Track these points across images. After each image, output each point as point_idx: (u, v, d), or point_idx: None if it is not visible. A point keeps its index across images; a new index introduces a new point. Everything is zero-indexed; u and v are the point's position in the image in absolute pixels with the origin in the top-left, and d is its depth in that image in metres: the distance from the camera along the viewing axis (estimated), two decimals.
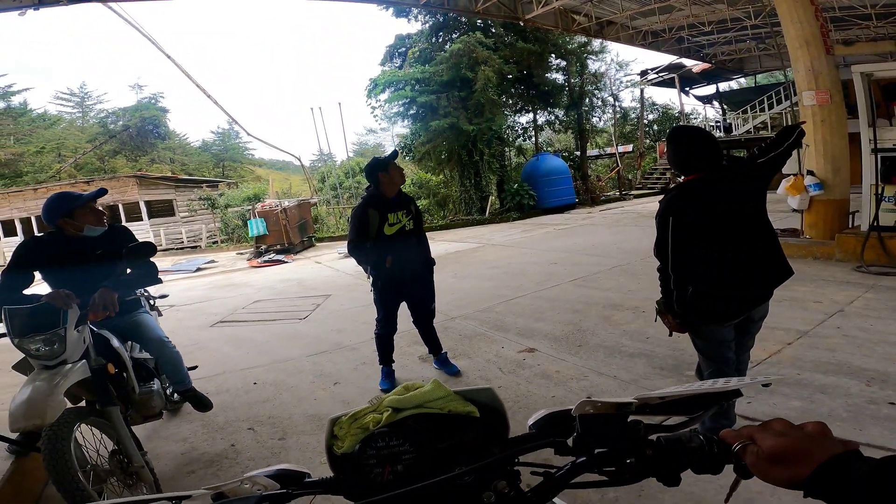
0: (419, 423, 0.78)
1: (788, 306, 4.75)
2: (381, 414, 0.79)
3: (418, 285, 3.76)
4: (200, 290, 9.36)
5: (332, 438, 0.79)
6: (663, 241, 2.32)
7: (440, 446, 0.76)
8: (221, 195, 19.52)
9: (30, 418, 2.04)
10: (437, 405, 0.80)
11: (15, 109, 33.96)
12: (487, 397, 0.82)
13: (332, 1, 10.70)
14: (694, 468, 0.62)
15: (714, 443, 0.61)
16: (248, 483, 0.70)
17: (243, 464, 2.97)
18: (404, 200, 3.65)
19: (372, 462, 0.75)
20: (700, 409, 0.70)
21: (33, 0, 7.72)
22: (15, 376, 2.60)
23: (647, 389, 3.31)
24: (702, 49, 17.86)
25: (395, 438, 0.76)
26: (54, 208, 2.63)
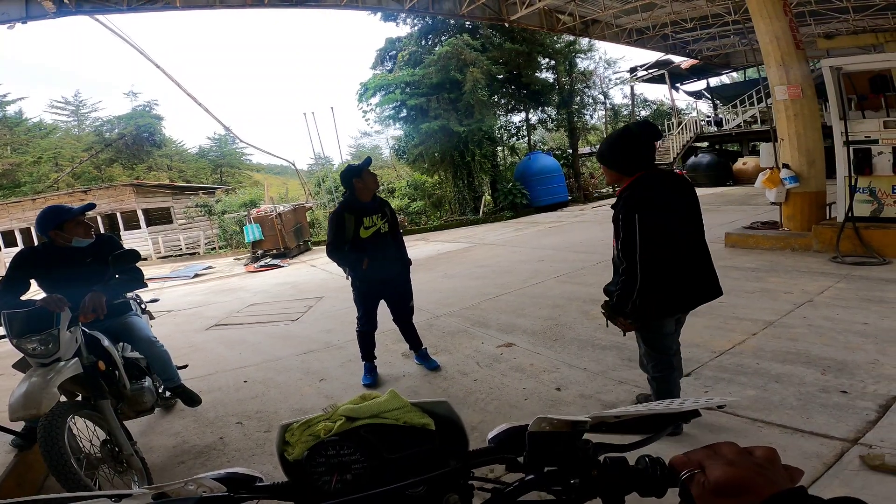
0: (372, 433, 0.77)
1: (759, 297, 4.92)
2: (333, 422, 0.79)
3: (396, 284, 3.94)
4: (198, 296, 9.54)
5: (284, 444, 0.80)
6: (630, 241, 2.35)
7: (391, 457, 0.75)
8: (218, 202, 19.71)
9: (27, 408, 2.24)
10: (392, 416, 0.80)
11: (11, 119, 34.06)
12: (444, 410, 0.82)
13: (319, 8, 10.99)
14: (639, 491, 0.61)
15: (659, 465, 0.61)
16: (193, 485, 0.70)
17: (230, 455, 3.14)
18: (379, 204, 3.84)
19: (321, 469, 0.75)
20: (656, 428, 0.70)
21: (21, 14, 7.91)
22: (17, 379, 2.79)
23: (615, 381, 3.48)
24: (687, 45, 18.06)
25: (345, 447, 0.76)
26: (46, 221, 2.84)
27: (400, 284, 3.97)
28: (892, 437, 2.40)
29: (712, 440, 0.57)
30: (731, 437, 2.52)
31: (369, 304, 3.93)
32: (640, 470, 0.61)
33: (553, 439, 0.66)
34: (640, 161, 2.45)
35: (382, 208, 3.84)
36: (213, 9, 9.37)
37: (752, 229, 7.70)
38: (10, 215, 20.30)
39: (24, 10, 7.91)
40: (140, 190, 20.00)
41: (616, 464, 0.63)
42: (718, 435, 2.57)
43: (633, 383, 3.34)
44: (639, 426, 0.70)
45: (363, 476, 0.74)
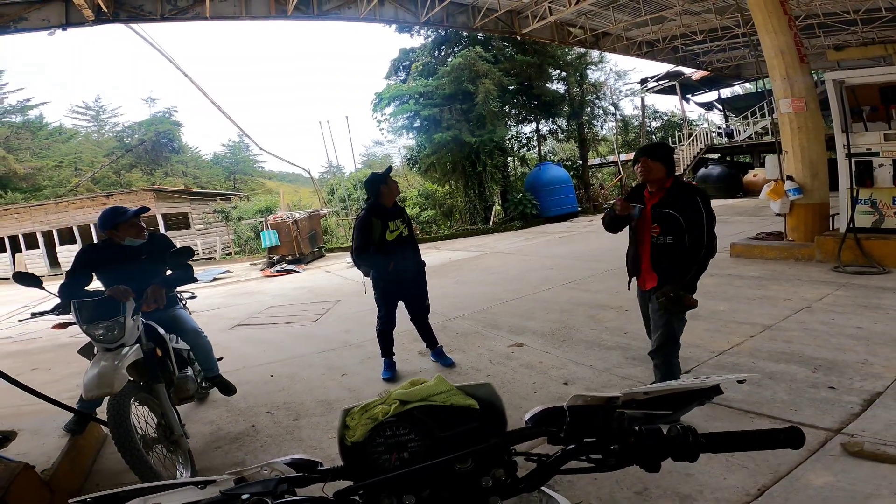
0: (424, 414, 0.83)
1: (759, 304, 5.13)
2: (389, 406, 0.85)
3: (414, 285, 4.24)
4: (218, 298, 9.89)
5: (344, 428, 0.85)
6: (712, 221, 2.77)
7: (442, 435, 0.81)
8: (235, 208, 20.19)
9: (101, 388, 2.52)
10: (440, 398, 0.86)
11: (33, 123, 35.04)
12: (487, 392, 0.88)
13: (338, 21, 11.41)
14: (673, 456, 0.67)
15: (691, 433, 0.66)
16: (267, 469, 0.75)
17: (262, 441, 3.41)
18: (399, 210, 4.19)
19: (380, 449, 0.81)
20: (683, 404, 0.75)
21: (61, 21, 8.38)
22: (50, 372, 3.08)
23: (619, 377, 3.73)
24: (697, 57, 18.31)
25: (401, 428, 0.82)
26: (104, 221, 3.19)
27: (417, 285, 4.26)
28: (872, 428, 2.62)
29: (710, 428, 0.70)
30: (727, 424, 2.76)
31: (390, 304, 4.22)
32: (673, 437, 0.67)
33: (591, 412, 0.72)
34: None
35: (402, 213, 4.18)
36: (239, 19, 9.84)
37: (756, 240, 7.88)
38: (33, 218, 20.87)
39: (65, 17, 8.39)
40: (160, 195, 20.52)
41: (651, 432, 0.68)
42: (713, 424, 2.80)
43: (636, 379, 3.59)
44: (666, 402, 0.74)
45: (419, 454, 0.79)
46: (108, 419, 2.52)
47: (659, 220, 2.86)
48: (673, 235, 2.82)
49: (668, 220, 2.83)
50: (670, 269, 2.85)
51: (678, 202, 2.81)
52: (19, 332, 8.28)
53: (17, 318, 4.40)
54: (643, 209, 2.96)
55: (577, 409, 0.73)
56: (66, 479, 2.82)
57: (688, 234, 2.78)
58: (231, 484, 0.73)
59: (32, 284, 2.96)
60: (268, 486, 0.71)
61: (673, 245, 2.83)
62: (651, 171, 2.87)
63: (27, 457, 2.76)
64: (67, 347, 6.16)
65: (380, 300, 4.23)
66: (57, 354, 6.25)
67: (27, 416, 3.52)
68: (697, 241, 2.76)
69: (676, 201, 2.82)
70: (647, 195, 3.01)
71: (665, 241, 2.86)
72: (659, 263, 2.91)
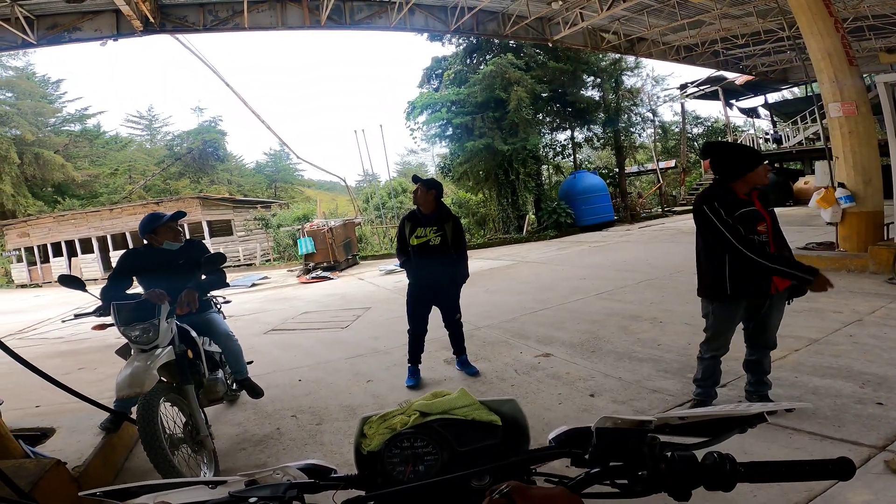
0: (444, 427, 0.81)
1: (807, 316, 4.84)
2: (408, 417, 0.84)
3: (442, 296, 4.24)
4: (255, 303, 10.18)
5: (361, 437, 0.84)
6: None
7: (461, 450, 0.78)
8: (274, 215, 20.81)
9: (132, 387, 2.61)
10: (461, 412, 0.83)
11: (90, 132, 37.18)
12: (511, 408, 0.85)
13: (371, 30, 11.69)
14: (706, 485, 0.63)
15: (728, 461, 0.61)
16: (280, 473, 0.74)
17: (285, 444, 3.45)
18: (438, 218, 4.13)
19: (396, 460, 0.78)
20: (722, 431, 0.70)
21: (112, 32, 8.90)
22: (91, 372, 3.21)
23: (649, 390, 3.58)
24: (740, 61, 17.67)
25: (419, 440, 0.79)
26: (143, 226, 3.35)
27: (447, 298, 4.26)
28: None
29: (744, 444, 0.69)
30: (760, 442, 2.60)
31: (415, 306, 4.25)
32: (709, 465, 0.62)
33: (620, 435, 0.68)
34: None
35: (441, 223, 4.12)
36: (275, 29, 10.25)
37: (806, 250, 7.49)
38: (88, 224, 22.13)
39: (115, 28, 8.94)
40: (205, 202, 21.41)
41: (684, 459, 0.64)
42: (746, 440, 2.64)
43: (667, 392, 3.44)
44: (703, 429, 0.70)
45: (435, 468, 0.77)
46: (137, 417, 2.62)
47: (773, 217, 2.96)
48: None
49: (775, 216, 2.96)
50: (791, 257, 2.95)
51: (768, 200, 2.97)
52: (70, 332, 8.76)
53: (62, 321, 4.69)
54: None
55: (604, 431, 0.69)
56: (96, 475, 2.91)
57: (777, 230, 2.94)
58: (241, 486, 0.72)
59: (76, 287, 3.11)
60: (276, 491, 0.70)
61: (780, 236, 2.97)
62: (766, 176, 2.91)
63: (62, 453, 2.88)
64: (113, 348, 6.46)
65: (407, 301, 4.31)
66: (103, 355, 6.55)
67: (68, 414, 3.69)
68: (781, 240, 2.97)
69: (767, 199, 2.96)
70: (744, 198, 2.84)
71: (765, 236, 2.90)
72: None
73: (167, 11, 9.33)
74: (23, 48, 9.01)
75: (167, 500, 0.66)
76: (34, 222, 23.24)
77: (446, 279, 4.18)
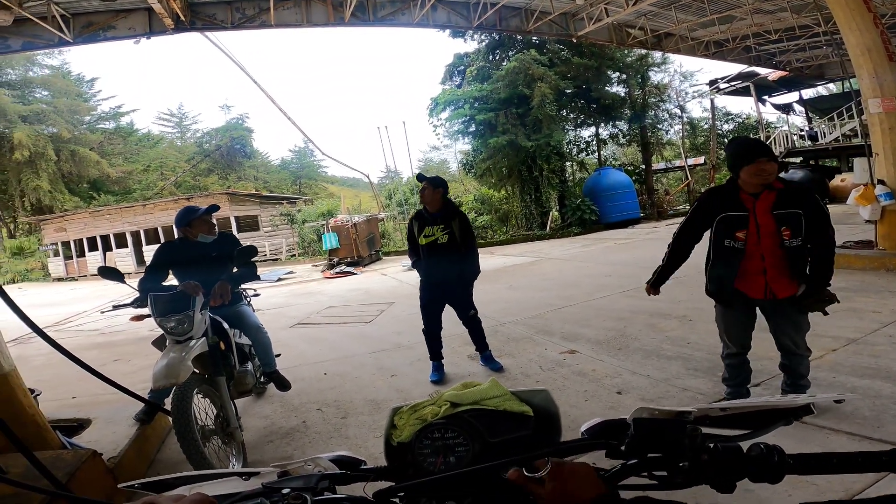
0: (475, 418, 0.80)
1: (844, 316, 4.66)
2: (439, 407, 0.83)
3: (453, 294, 4.25)
4: (281, 298, 10.36)
5: (392, 428, 0.83)
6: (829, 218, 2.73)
7: (493, 441, 0.78)
8: (299, 211, 21.14)
9: (167, 378, 2.67)
10: (492, 403, 0.83)
11: (124, 129, 38.34)
12: (543, 399, 0.84)
13: (393, 26, 11.76)
14: (752, 477, 0.61)
15: (777, 452, 0.59)
16: (311, 464, 0.75)
17: (311, 437, 3.49)
18: (446, 216, 4.14)
19: (426, 451, 0.78)
20: (766, 423, 0.68)
21: (145, 30, 9.14)
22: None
23: (679, 388, 3.51)
24: (773, 57, 17.07)
25: (450, 431, 0.78)
26: (179, 219, 3.46)
27: (457, 296, 4.27)
28: None
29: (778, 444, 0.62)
30: (796, 442, 2.52)
31: (428, 304, 4.28)
32: (755, 456, 0.61)
33: (659, 426, 0.66)
34: None
35: (448, 221, 4.12)
36: (301, 26, 10.39)
37: (843, 248, 7.21)
38: (122, 219, 22.86)
39: (148, 26, 9.18)
40: (233, 198, 21.89)
41: (729, 450, 0.62)
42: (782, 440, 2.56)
43: (697, 391, 3.37)
44: (746, 420, 0.68)
45: (466, 459, 0.75)
46: (171, 408, 2.68)
47: (786, 221, 2.65)
48: (801, 236, 2.67)
49: (796, 220, 2.65)
50: (818, 270, 2.73)
51: (798, 200, 2.64)
52: (105, 325, 9.06)
53: (101, 312, 4.86)
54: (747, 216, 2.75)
55: (642, 421, 0.67)
56: (130, 466, 2.98)
57: (816, 233, 2.66)
58: (274, 477, 0.72)
59: (115, 279, 3.18)
60: (309, 482, 0.70)
61: (802, 246, 2.69)
62: (772, 173, 2.64)
63: (97, 444, 2.96)
64: (147, 340, 6.63)
65: (421, 300, 4.33)
66: (137, 347, 6.76)
67: (104, 405, 3.80)
68: (830, 237, 2.69)
69: (797, 200, 2.65)
70: (745, 199, 2.72)
71: (796, 244, 2.68)
72: (796, 267, 2.75)
73: (197, 9, 9.53)
74: (59, 46, 9.31)
75: (202, 492, 0.65)
76: (70, 217, 24.11)
77: (455, 276, 4.19)
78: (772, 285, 2.77)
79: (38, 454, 2.09)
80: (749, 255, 2.75)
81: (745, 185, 2.69)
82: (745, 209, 2.71)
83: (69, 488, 2.19)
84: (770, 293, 2.79)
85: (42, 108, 31.09)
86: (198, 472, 0.76)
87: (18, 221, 30.63)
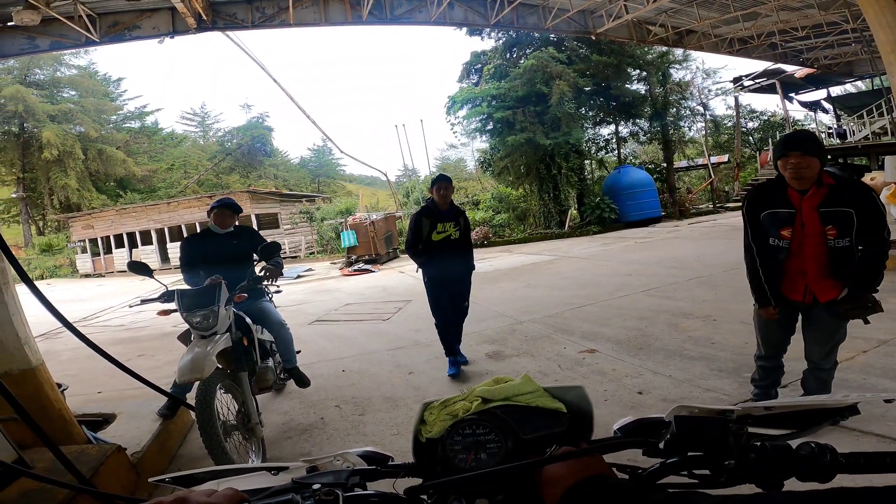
0: (507, 414, 0.79)
1: (876, 317, 4.50)
2: (470, 403, 0.82)
3: (457, 284, 4.35)
4: (300, 295, 10.46)
5: (421, 423, 0.82)
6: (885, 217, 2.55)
7: (525, 437, 0.77)
8: (318, 209, 21.32)
9: (193, 372, 2.72)
10: (525, 399, 0.81)
11: (149, 128, 39.21)
12: (577, 396, 0.82)
13: (410, 24, 11.79)
14: (800, 476, 0.59)
15: (829, 451, 0.58)
16: (340, 459, 0.74)
17: (329, 433, 3.50)
18: (454, 213, 4.27)
19: (457, 447, 0.76)
20: (811, 423, 0.66)
21: (169, 29, 9.32)
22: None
23: (702, 388, 3.43)
24: (800, 54, 16.59)
25: (481, 427, 0.77)
26: (210, 208, 3.67)
27: (460, 284, 4.37)
28: None
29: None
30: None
31: (439, 300, 4.33)
32: (805, 455, 0.59)
33: (701, 424, 0.65)
34: None
35: (457, 217, 4.27)
36: (319, 25, 10.49)
37: None
38: (148, 216, 23.36)
39: (171, 25, 9.36)
40: (254, 196, 22.20)
41: (778, 448, 0.60)
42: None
43: (721, 392, 3.29)
44: (789, 420, 0.67)
45: (497, 456, 0.75)
46: (195, 403, 2.71)
47: (833, 220, 2.49)
48: (850, 236, 2.49)
49: (845, 219, 2.47)
50: (860, 273, 2.52)
51: (850, 198, 2.47)
52: (130, 320, 9.28)
53: (129, 306, 5.00)
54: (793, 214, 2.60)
55: (684, 419, 0.65)
56: (153, 461, 3.02)
57: (868, 233, 2.48)
58: (303, 472, 0.72)
59: (144, 273, 3.26)
60: (339, 478, 0.69)
61: (851, 247, 2.50)
62: (808, 167, 2.45)
63: (122, 439, 3.00)
64: (170, 336, 6.78)
65: (427, 294, 4.39)
66: (161, 342, 6.90)
67: (128, 400, 3.89)
68: (883, 239, 2.48)
69: (849, 198, 2.47)
70: (793, 195, 2.57)
71: (843, 244, 2.51)
72: (840, 269, 2.55)
73: (218, 9, 9.68)
74: (86, 46, 9.53)
75: (232, 487, 0.65)
76: (98, 215, 24.75)
77: (463, 270, 4.36)
78: (812, 287, 2.62)
79: (64, 449, 2.11)
80: (792, 254, 2.62)
81: (789, 181, 2.56)
82: (791, 206, 2.56)
83: (93, 483, 2.22)
84: (810, 296, 2.64)
85: (70, 108, 31.98)
86: (227, 467, 0.76)
87: (47, 219, 31.59)
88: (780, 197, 2.60)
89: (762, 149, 22.51)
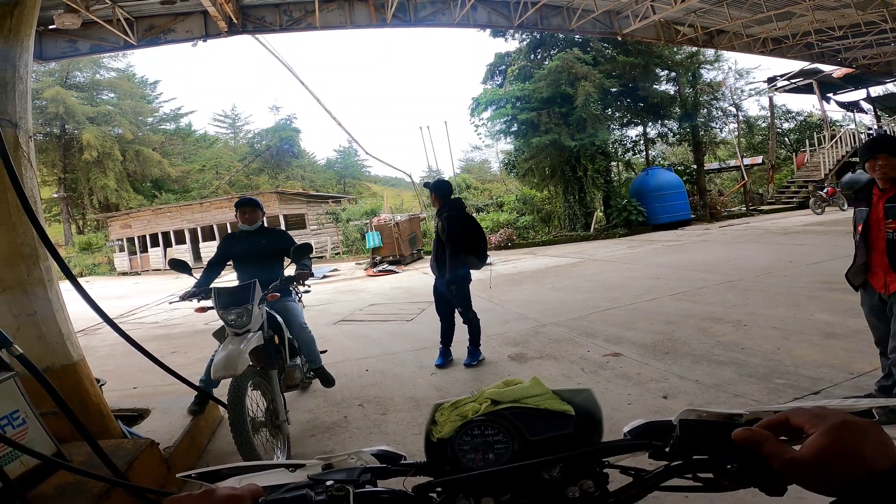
0: (515, 415, 0.81)
1: None
2: (480, 404, 0.84)
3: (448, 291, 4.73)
4: (326, 295, 10.62)
5: (432, 423, 0.84)
6: None
7: (532, 439, 0.78)
8: (344, 210, 21.61)
9: (227, 369, 2.79)
10: (533, 401, 0.83)
11: (183, 130, 40.44)
12: (585, 399, 0.84)
13: (434, 27, 11.90)
14: None
15: None
16: (354, 457, 0.77)
17: (351, 432, 3.55)
18: (440, 213, 4.63)
19: (466, 448, 0.78)
20: None
21: (202, 33, 9.61)
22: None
23: (730, 394, 3.36)
24: (838, 53, 15.96)
25: (490, 428, 0.79)
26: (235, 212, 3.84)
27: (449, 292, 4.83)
28: None
29: None
30: None
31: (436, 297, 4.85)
32: None
33: (708, 427, 0.65)
34: None
35: (441, 216, 4.68)
36: (345, 28, 10.65)
37: None
38: (182, 216, 24.09)
39: (204, 29, 9.65)
40: (282, 197, 22.67)
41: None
42: None
43: (750, 397, 3.21)
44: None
45: (504, 456, 0.77)
46: (228, 399, 2.78)
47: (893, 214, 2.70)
48: None
49: None
50: None
51: None
52: (164, 318, 9.59)
53: (167, 303, 5.23)
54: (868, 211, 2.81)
55: (688, 423, 0.66)
56: (183, 456, 3.11)
57: None
58: (319, 469, 0.75)
59: (183, 271, 3.40)
60: (352, 475, 0.72)
61: None
62: (894, 168, 2.66)
63: (154, 434, 3.10)
64: (202, 333, 6.98)
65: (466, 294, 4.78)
66: (193, 339, 7.11)
67: (161, 396, 4.00)
68: None
69: None
70: (875, 192, 2.79)
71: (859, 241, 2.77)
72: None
73: (247, 12, 9.93)
74: (124, 49, 9.87)
75: (254, 482, 0.67)
76: (135, 215, 25.66)
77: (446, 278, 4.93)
78: (886, 278, 2.77)
79: (101, 443, 2.19)
80: (870, 247, 2.81)
81: (878, 182, 2.76)
82: (869, 203, 2.79)
83: (126, 476, 2.29)
84: (885, 286, 2.78)
85: (109, 110, 33.21)
86: (248, 464, 0.79)
87: (87, 218, 32.90)
88: (866, 194, 2.84)
89: (799, 150, 21.80)
